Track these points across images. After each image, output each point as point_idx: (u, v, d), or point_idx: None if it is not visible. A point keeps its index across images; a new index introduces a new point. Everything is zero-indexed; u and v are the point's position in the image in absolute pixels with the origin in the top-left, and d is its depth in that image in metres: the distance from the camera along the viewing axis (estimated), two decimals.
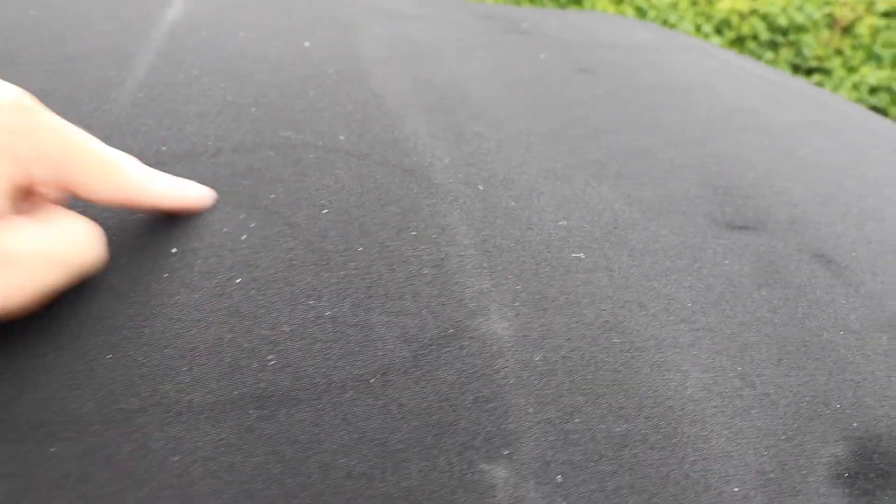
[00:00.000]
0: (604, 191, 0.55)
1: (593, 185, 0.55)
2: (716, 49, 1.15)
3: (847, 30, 3.34)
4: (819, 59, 3.29)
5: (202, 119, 0.55)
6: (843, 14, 3.34)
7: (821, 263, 0.52)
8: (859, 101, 3.13)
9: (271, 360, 0.37)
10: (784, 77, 1.08)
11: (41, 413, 0.34)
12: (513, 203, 0.51)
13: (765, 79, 0.99)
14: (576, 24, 1.08)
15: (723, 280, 0.48)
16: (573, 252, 0.47)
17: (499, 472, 0.34)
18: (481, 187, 0.52)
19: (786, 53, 3.32)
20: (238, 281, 0.41)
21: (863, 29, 3.31)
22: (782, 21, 3.27)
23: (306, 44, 0.74)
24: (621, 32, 1.07)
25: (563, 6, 3.46)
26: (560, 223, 0.50)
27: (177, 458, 0.33)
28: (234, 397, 0.35)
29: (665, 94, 0.79)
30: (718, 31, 3.33)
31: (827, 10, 3.35)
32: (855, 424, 0.41)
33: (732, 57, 1.12)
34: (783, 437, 0.39)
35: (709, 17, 3.32)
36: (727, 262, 0.50)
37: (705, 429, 0.38)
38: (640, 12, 3.34)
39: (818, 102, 0.93)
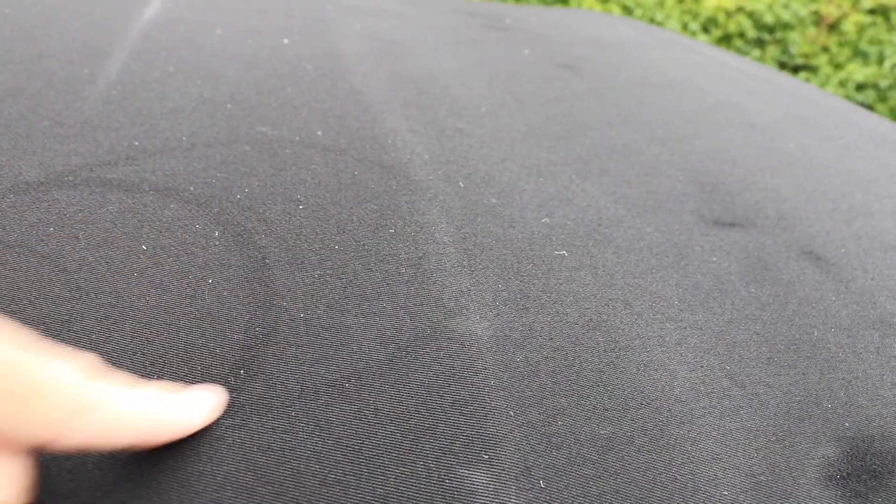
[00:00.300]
0: (588, 188, 0.54)
1: (577, 181, 0.54)
2: (700, 45, 1.14)
3: (833, 27, 3.35)
4: (805, 56, 3.29)
5: (176, 115, 0.54)
6: (829, 11, 3.34)
7: (810, 260, 0.51)
8: (846, 97, 3.13)
9: (244, 366, 0.36)
10: (768, 72, 1.07)
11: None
12: (494, 200, 0.50)
13: (749, 74, 0.98)
14: (559, 20, 1.07)
15: (710, 277, 0.47)
16: (556, 250, 0.46)
17: (479, 478, 0.32)
18: (462, 184, 0.51)
19: (772, 51, 3.32)
20: (211, 281, 0.39)
21: (849, 26, 3.32)
22: (769, 19, 3.27)
23: (285, 41, 0.73)
24: (604, 29, 1.06)
25: (548, 4, 3.45)
26: (543, 220, 0.49)
27: (146, 467, 0.32)
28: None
29: (648, 91, 0.78)
30: (705, 29, 3.33)
31: (813, 7, 3.35)
32: (847, 424, 0.40)
33: (717, 53, 1.11)
34: (773, 439, 0.38)
35: (695, 15, 3.32)
36: (714, 259, 0.49)
37: (693, 430, 0.37)
38: (627, 10, 3.34)
39: (803, 98, 0.92)
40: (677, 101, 0.77)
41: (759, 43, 3.32)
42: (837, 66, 3.27)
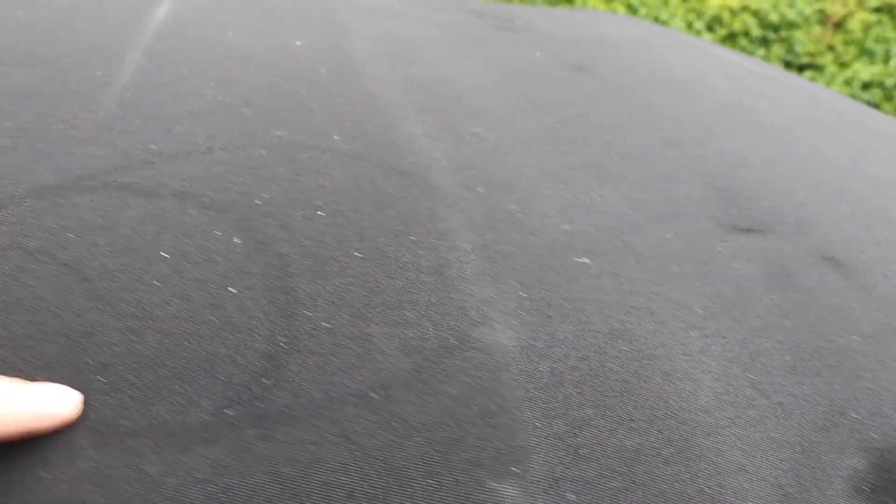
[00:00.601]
0: (606, 193, 0.53)
1: (595, 187, 0.54)
2: (707, 45, 1.14)
3: (839, 25, 3.34)
4: (811, 55, 3.29)
5: (192, 119, 0.54)
6: (835, 10, 3.34)
7: (830, 266, 0.51)
8: (852, 96, 3.13)
9: (268, 375, 0.35)
10: (776, 71, 1.07)
11: (32, 438, 0.32)
12: (514, 207, 0.50)
13: (757, 74, 0.98)
14: (569, 21, 1.07)
15: (732, 284, 0.47)
16: (578, 257, 0.46)
17: (508, 491, 0.32)
18: (481, 190, 0.51)
19: (777, 50, 3.31)
20: (232, 290, 0.39)
21: (854, 24, 3.31)
22: (773, 17, 3.27)
23: (298, 42, 0.73)
24: (613, 29, 1.06)
25: (553, 4, 3.45)
26: (563, 227, 0.48)
27: (172, 480, 0.31)
28: (230, 417, 0.33)
29: (660, 92, 0.78)
30: (710, 27, 3.33)
31: (818, 5, 3.35)
32: (873, 435, 0.39)
33: (724, 52, 1.11)
34: (799, 450, 0.38)
35: (700, 14, 3.31)
36: (735, 265, 0.49)
37: (719, 441, 0.37)
38: (631, 9, 3.33)
39: (813, 98, 0.92)
40: (688, 102, 0.76)
41: (764, 42, 3.32)
42: (843, 65, 3.27)
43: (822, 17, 3.36)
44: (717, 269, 0.48)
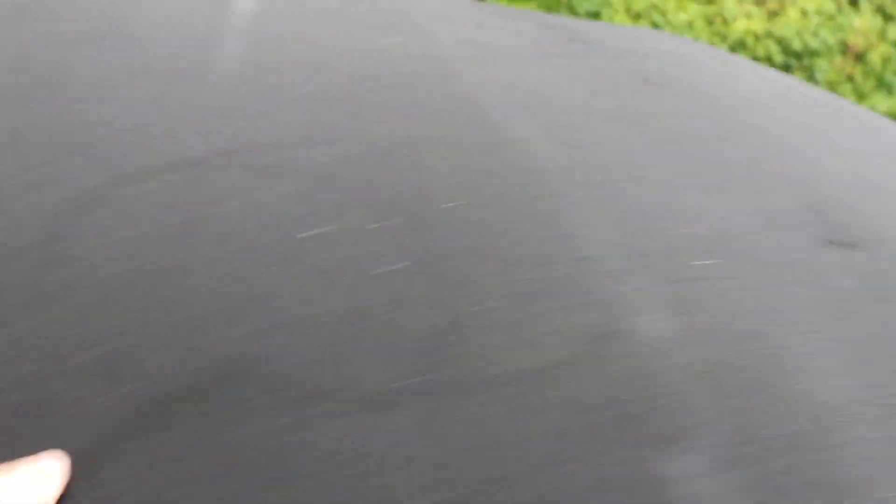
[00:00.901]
0: (712, 202, 0.55)
1: (700, 196, 0.56)
2: (755, 65, 1.16)
3: (859, 57, 3.38)
4: (830, 84, 3.33)
5: (302, 107, 0.55)
6: (856, 41, 3.38)
7: None
8: None
9: (431, 354, 0.37)
10: (822, 94, 1.09)
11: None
12: (631, 209, 0.51)
13: (810, 97, 1.00)
14: (630, 36, 1.09)
15: (839, 293, 0.49)
16: (699, 259, 0.48)
17: (682, 467, 0.34)
18: (598, 192, 0.52)
19: (798, 76, 3.35)
20: (385, 270, 0.41)
21: (874, 57, 3.35)
22: (797, 45, 3.31)
23: (388, 40, 0.74)
24: (677, 47, 1.08)
25: (579, 18, 3.47)
26: (681, 231, 0.50)
27: (348, 447, 0.33)
28: (408, 386, 0.35)
29: (735, 110, 0.80)
30: (733, 51, 3.36)
31: (840, 35, 3.39)
32: None
33: (772, 74, 1.13)
34: None
35: (724, 38, 3.35)
36: (840, 276, 0.51)
37: (845, 436, 0.39)
38: (656, 28, 3.37)
39: (868, 124, 0.94)
40: (762, 121, 0.78)
41: (786, 68, 3.35)
42: (861, 96, 3.31)
43: (844, 48, 3.40)
44: (825, 277, 0.50)
